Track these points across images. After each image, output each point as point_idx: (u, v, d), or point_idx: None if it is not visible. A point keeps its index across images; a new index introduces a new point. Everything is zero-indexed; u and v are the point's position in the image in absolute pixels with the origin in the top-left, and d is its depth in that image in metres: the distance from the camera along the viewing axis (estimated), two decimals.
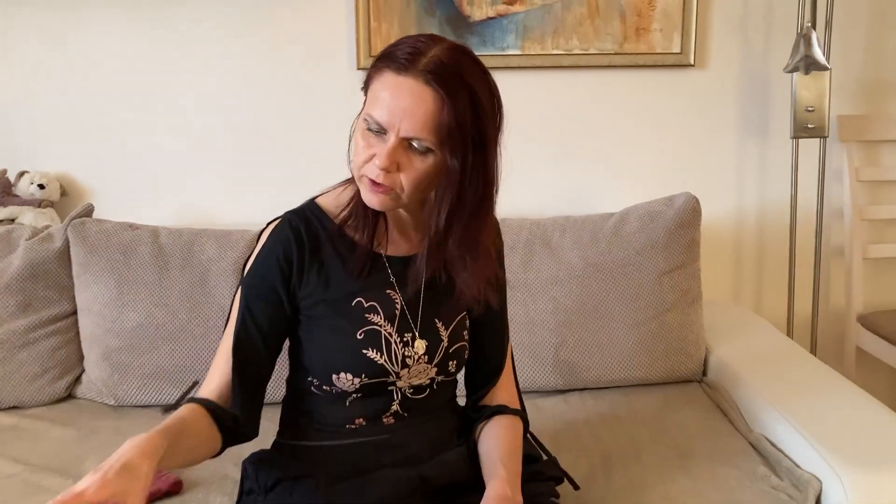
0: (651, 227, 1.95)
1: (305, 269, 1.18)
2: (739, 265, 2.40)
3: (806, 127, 2.14)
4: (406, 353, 1.19)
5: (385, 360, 1.18)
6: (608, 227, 1.98)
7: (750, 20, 2.25)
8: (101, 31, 2.15)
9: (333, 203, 1.22)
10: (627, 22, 2.22)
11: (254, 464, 1.28)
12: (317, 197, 1.25)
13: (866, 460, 1.41)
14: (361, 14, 2.16)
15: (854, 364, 2.31)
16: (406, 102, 1.04)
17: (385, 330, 1.18)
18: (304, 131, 2.22)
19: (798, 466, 1.46)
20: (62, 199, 2.20)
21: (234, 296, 1.21)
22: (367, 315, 1.18)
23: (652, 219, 1.97)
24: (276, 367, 1.22)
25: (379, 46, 2.16)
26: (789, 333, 2.30)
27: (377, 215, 1.17)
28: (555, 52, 2.22)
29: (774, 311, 2.36)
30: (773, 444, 1.55)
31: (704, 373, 1.97)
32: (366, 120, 1.08)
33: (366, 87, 1.12)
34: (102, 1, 2.13)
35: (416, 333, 1.21)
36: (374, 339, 1.17)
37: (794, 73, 2.10)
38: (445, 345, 1.23)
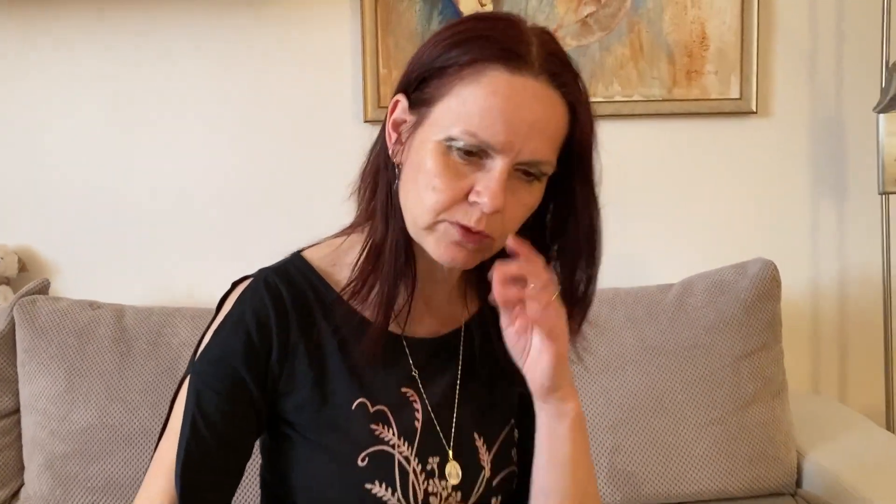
0: (721, 300, 1.61)
1: (289, 354, 0.84)
2: (819, 347, 2.02)
3: None
4: (431, 488, 0.84)
5: (399, 499, 0.82)
6: (668, 300, 1.63)
7: (820, 56, 1.94)
8: (66, 88, 1.86)
9: (329, 260, 0.90)
10: (677, 64, 1.92)
11: None
12: (303, 250, 0.92)
13: None
14: (369, 59, 1.87)
15: None
16: (535, 114, 0.76)
17: (400, 452, 0.84)
18: (303, 194, 1.91)
19: None
20: (20, 274, 1.88)
21: (177, 391, 0.87)
22: (373, 427, 0.84)
23: (721, 290, 1.62)
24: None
25: (389, 95, 1.87)
26: (889, 428, 1.90)
27: (399, 280, 0.84)
28: (593, 99, 1.91)
29: (865, 401, 1.98)
30: None
31: (798, 483, 1.57)
32: (451, 141, 0.77)
33: (426, 91, 0.80)
34: (64, 55, 1.85)
35: (449, 455, 0.86)
36: (382, 467, 0.83)
37: (883, 116, 1.77)
38: (488, 474, 0.88)
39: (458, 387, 0.90)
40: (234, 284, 0.91)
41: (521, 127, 0.75)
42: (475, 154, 0.76)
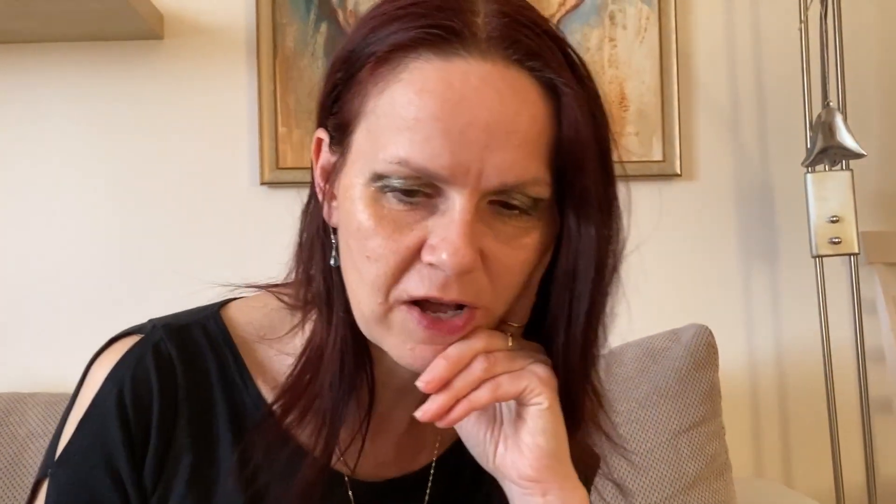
0: (654, 369, 1.45)
1: (169, 457, 0.61)
2: (761, 426, 1.87)
3: (831, 242, 1.70)
4: None
5: None
6: None
7: (742, 116, 1.86)
8: None
9: (257, 330, 0.65)
10: None
11: None
12: (227, 303, 0.68)
13: None
14: (266, 118, 1.71)
15: None
16: (491, 112, 0.52)
17: None
18: (193, 265, 1.70)
19: None
20: None
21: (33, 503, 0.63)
22: None
23: (654, 359, 1.47)
24: None
25: (290, 156, 1.71)
26: None
27: (348, 397, 0.60)
28: None
29: (814, 483, 1.82)
30: None
31: None
32: (378, 180, 0.54)
33: (341, 111, 0.58)
34: None
35: None
36: None
37: (811, 177, 1.68)
38: None
39: None
40: (112, 341, 0.67)
41: (473, 136, 0.51)
42: (419, 192, 0.53)
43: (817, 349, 1.77)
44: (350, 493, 0.63)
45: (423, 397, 0.60)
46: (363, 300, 0.56)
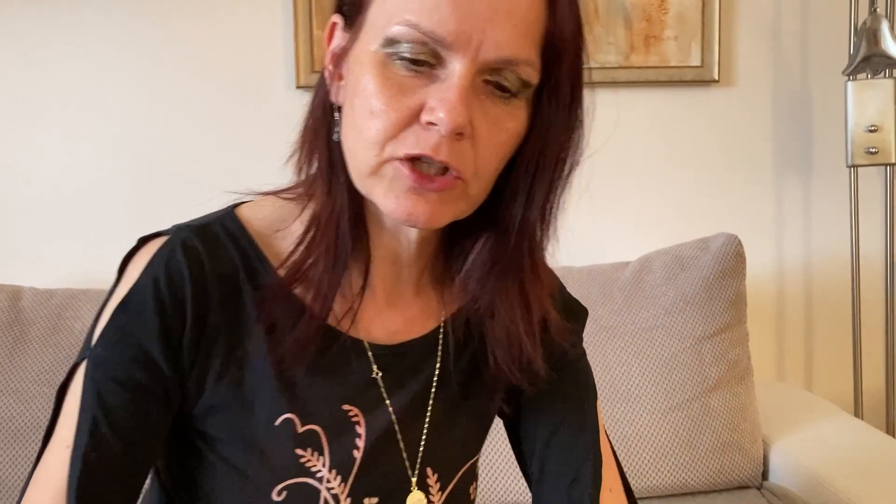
0: (682, 277, 1.47)
1: (206, 338, 0.65)
2: (784, 331, 1.91)
3: (867, 152, 1.69)
4: None
5: None
6: (624, 278, 1.50)
7: (785, 22, 1.82)
8: None
9: (270, 224, 0.69)
10: (634, 28, 1.79)
11: None
12: (240, 205, 0.72)
13: None
14: (301, 19, 1.71)
15: None
16: None
17: (328, 489, 0.66)
18: (230, 170, 1.73)
19: None
20: None
21: (65, 385, 0.65)
22: (299, 453, 0.65)
23: (682, 267, 1.49)
24: None
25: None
26: (858, 416, 1.79)
27: (344, 258, 0.65)
28: None
29: (834, 388, 1.86)
30: None
31: (765, 475, 1.45)
32: (390, 46, 0.58)
33: None
34: None
35: (390, 495, 0.68)
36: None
37: (851, 85, 1.65)
38: None
39: (429, 408, 0.71)
40: (142, 241, 0.69)
41: (478, 8, 0.56)
42: (423, 63, 0.57)
43: (846, 258, 1.79)
44: (370, 353, 0.68)
45: (422, 271, 0.70)
46: (360, 154, 0.60)
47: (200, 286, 0.64)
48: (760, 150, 1.85)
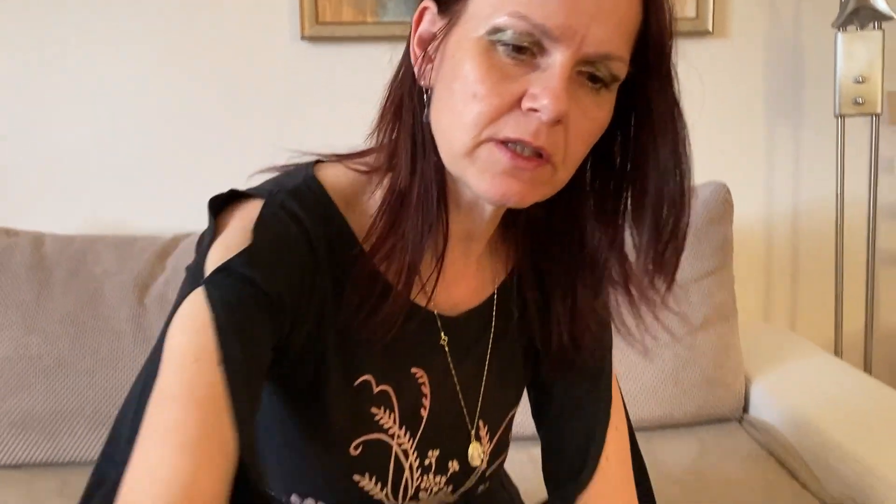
0: None
1: (308, 298, 0.66)
2: (772, 276, 1.99)
3: (854, 102, 1.74)
4: (423, 484, 0.74)
5: (387, 494, 0.72)
6: None
7: None
8: None
9: (349, 194, 0.70)
10: None
11: None
12: (316, 165, 0.72)
13: None
14: None
15: None
16: None
17: (399, 444, 0.71)
18: (235, 120, 1.79)
19: None
20: None
21: (170, 342, 0.60)
22: (374, 411, 0.71)
23: None
24: None
25: (329, 10, 1.76)
26: (837, 355, 1.88)
27: (427, 237, 0.66)
28: None
29: (817, 329, 1.95)
30: None
31: (745, 408, 1.54)
32: (495, 33, 0.59)
33: None
34: None
35: (454, 448, 0.75)
36: (377, 459, 0.71)
37: (841, 35, 1.70)
38: (484, 466, 0.78)
39: (485, 369, 0.77)
40: (228, 198, 0.68)
41: (585, 5, 0.58)
42: (526, 50, 0.59)
43: (832, 205, 1.86)
44: (439, 323, 0.73)
45: (483, 245, 0.73)
46: (456, 136, 0.62)
47: (310, 248, 0.66)
48: (753, 101, 1.90)
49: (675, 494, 1.24)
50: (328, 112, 1.77)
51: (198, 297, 0.60)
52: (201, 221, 0.69)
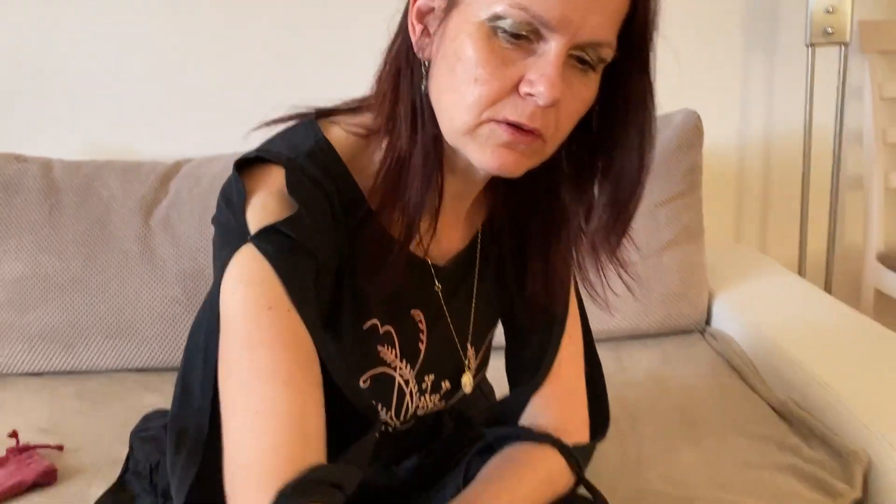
0: None
1: (330, 264, 0.73)
2: (743, 199, 2.09)
3: (825, 32, 1.82)
4: (421, 404, 0.85)
5: (391, 416, 0.82)
6: None
7: None
8: None
9: (355, 153, 0.76)
10: None
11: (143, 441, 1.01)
12: (322, 119, 0.77)
13: None
14: None
15: (872, 308, 2.03)
16: None
17: (400, 375, 0.81)
18: (237, 45, 1.86)
19: (836, 435, 1.16)
20: None
21: (234, 296, 0.67)
22: (379, 349, 0.80)
23: None
24: None
25: None
26: (801, 275, 2.00)
27: (426, 197, 0.73)
28: None
29: (784, 250, 2.07)
30: (801, 408, 1.26)
31: (708, 321, 1.67)
32: (496, 20, 0.64)
33: None
34: None
35: (447, 371, 0.85)
36: (383, 389, 0.81)
37: None
38: (470, 380, 0.89)
39: (472, 303, 0.86)
40: (244, 165, 0.73)
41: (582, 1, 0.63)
42: (524, 37, 0.64)
43: (801, 132, 1.95)
44: (433, 271, 0.82)
45: (470, 201, 0.82)
46: (458, 115, 0.67)
47: (331, 212, 0.72)
48: (728, 29, 1.97)
49: (638, 397, 1.37)
50: (329, 40, 1.83)
51: (251, 252, 0.66)
52: (201, 147, 0.77)
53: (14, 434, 1.23)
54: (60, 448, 1.23)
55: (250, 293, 0.65)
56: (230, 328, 0.65)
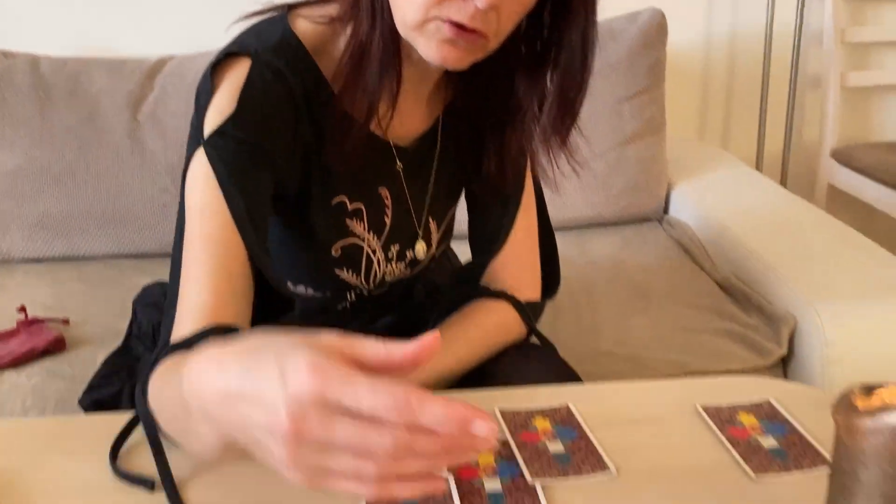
0: (611, 46, 1.71)
1: (295, 143, 0.80)
2: (707, 98, 2.18)
3: None
4: (387, 270, 0.94)
5: (361, 281, 0.92)
6: None
7: None
8: None
9: (321, 42, 0.81)
10: None
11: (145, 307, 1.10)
12: (292, 12, 0.82)
13: (844, 292, 1.24)
14: None
15: (825, 202, 2.15)
16: None
17: (368, 245, 0.91)
18: None
19: (770, 303, 1.29)
20: None
21: (187, 202, 0.76)
22: (348, 223, 0.88)
23: (613, 37, 1.72)
24: None
25: None
26: (759, 170, 2.12)
27: (384, 80, 0.78)
28: None
29: (744, 147, 2.17)
30: (742, 282, 1.39)
31: (666, 210, 1.78)
32: None
33: None
34: None
35: (412, 241, 0.94)
36: (352, 258, 0.90)
37: None
38: (434, 251, 0.98)
39: (432, 181, 0.93)
40: (215, 65, 0.79)
41: None
42: None
43: (763, 32, 2.03)
44: (394, 151, 0.88)
45: (431, 87, 0.87)
46: (408, 12, 0.72)
47: (292, 102, 0.78)
48: None
49: (596, 276, 1.49)
50: None
51: (201, 158, 0.74)
52: (183, 45, 0.83)
53: (22, 308, 1.34)
54: (66, 321, 1.34)
55: (195, 198, 0.74)
56: (186, 225, 0.74)
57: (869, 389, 0.55)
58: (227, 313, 0.71)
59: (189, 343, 0.66)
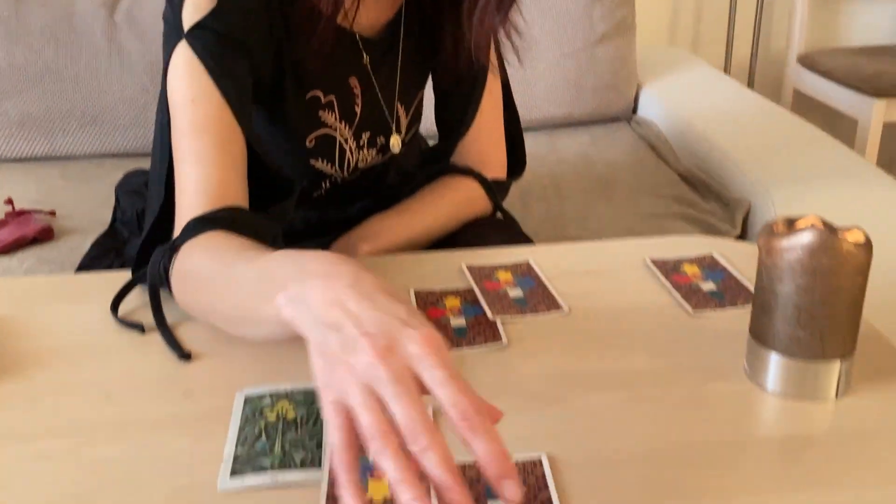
0: None
1: (270, 40, 0.83)
2: (677, 3, 2.21)
3: None
4: (359, 157, 0.98)
5: (335, 169, 0.96)
6: None
7: None
8: None
9: None
10: None
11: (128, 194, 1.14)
12: None
13: (798, 178, 1.32)
14: None
15: (790, 106, 2.21)
16: None
17: (341, 134, 0.94)
18: None
19: (727, 190, 1.36)
20: None
21: (173, 94, 0.79)
22: (321, 115, 0.92)
23: None
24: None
25: None
26: (727, 72, 2.17)
27: None
28: None
29: (714, 53, 2.22)
30: (703, 172, 1.45)
31: (635, 110, 1.84)
32: None
33: None
34: None
35: (384, 129, 0.97)
36: (326, 147, 0.94)
37: None
38: (404, 135, 1.02)
39: (398, 68, 0.96)
40: None
41: None
42: None
43: None
44: (360, 44, 0.92)
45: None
46: None
47: (265, 3, 0.81)
48: None
49: (565, 171, 1.55)
50: None
51: (185, 50, 0.77)
52: None
53: (9, 200, 1.38)
54: (53, 213, 1.39)
55: (183, 88, 0.77)
56: (173, 118, 0.78)
57: (791, 221, 0.62)
58: (233, 189, 0.76)
59: (214, 219, 0.72)
